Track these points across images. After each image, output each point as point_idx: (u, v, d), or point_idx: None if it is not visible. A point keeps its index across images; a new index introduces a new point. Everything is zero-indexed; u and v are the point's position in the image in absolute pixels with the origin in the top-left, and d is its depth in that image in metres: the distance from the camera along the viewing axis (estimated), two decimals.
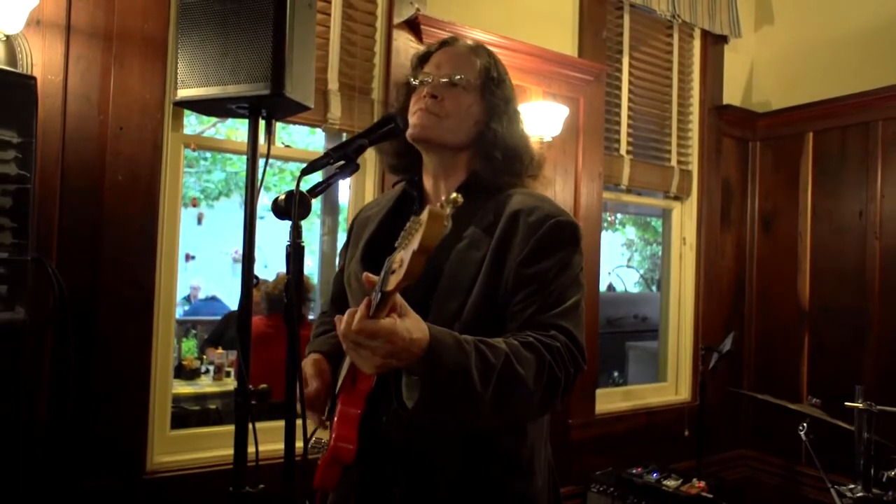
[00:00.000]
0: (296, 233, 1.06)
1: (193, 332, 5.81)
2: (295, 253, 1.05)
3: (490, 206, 1.17)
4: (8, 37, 1.84)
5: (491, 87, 1.21)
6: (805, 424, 2.09)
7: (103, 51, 2.11)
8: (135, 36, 2.16)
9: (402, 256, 0.78)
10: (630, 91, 3.56)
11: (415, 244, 0.73)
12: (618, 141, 3.50)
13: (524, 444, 1.14)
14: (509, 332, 1.06)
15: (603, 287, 8.14)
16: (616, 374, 5.68)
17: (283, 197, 1.07)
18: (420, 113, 1.18)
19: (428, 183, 1.26)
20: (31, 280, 1.58)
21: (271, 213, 1.15)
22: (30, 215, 1.56)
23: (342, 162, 1.16)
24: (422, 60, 1.26)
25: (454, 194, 0.80)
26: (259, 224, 1.55)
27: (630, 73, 3.56)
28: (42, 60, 2.00)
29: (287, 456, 1.08)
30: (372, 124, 1.21)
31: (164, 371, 2.28)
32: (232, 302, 8.48)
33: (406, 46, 2.72)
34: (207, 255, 8.89)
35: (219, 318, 6.74)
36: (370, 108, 2.69)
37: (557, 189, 3.17)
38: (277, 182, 8.29)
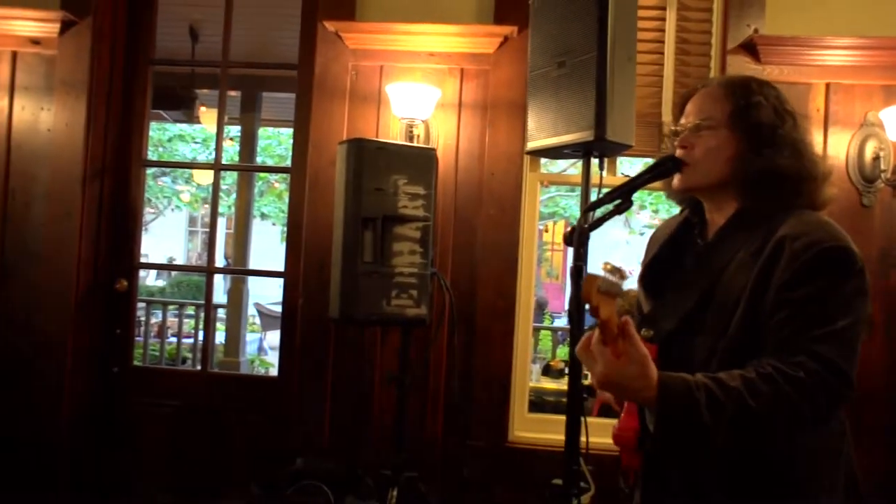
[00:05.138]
0: (577, 256, 1.42)
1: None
2: (576, 272, 1.41)
3: (760, 231, 1.24)
4: (424, 121, 2.69)
5: (745, 117, 1.24)
6: None
7: (481, 118, 2.84)
8: (502, 103, 2.83)
9: None
10: None
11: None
12: None
13: (792, 461, 1.17)
14: (767, 352, 1.13)
15: None
16: None
17: (570, 230, 1.44)
18: None
19: (707, 212, 1.39)
20: (430, 288, 2.31)
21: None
22: (429, 243, 2.28)
23: (619, 201, 1.46)
24: (680, 107, 1.40)
25: (607, 263, 1.00)
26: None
27: None
28: (444, 132, 2.82)
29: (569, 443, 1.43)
30: (649, 166, 1.47)
31: (522, 363, 2.86)
32: None
33: (742, 69, 2.74)
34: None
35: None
36: None
37: None
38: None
